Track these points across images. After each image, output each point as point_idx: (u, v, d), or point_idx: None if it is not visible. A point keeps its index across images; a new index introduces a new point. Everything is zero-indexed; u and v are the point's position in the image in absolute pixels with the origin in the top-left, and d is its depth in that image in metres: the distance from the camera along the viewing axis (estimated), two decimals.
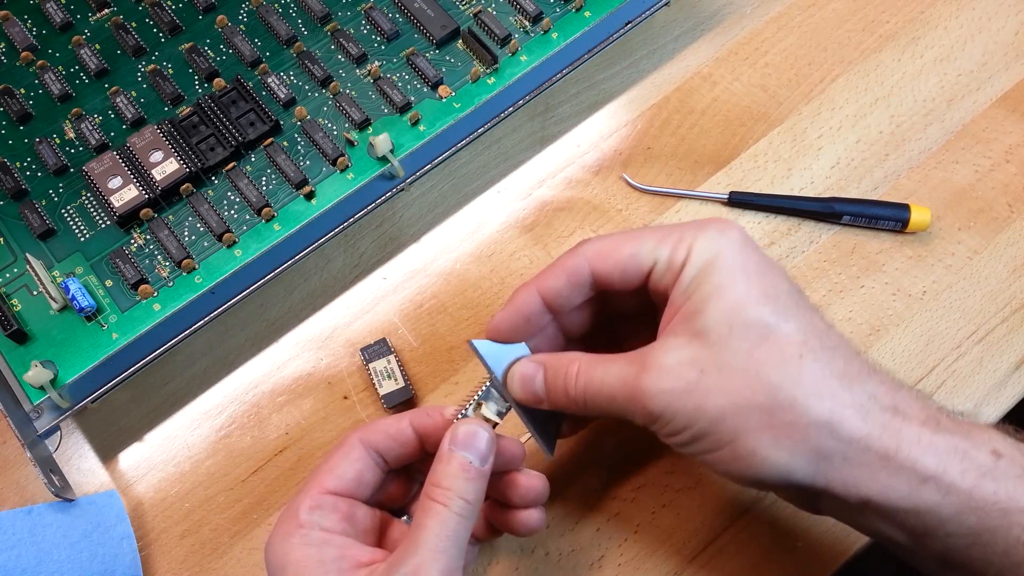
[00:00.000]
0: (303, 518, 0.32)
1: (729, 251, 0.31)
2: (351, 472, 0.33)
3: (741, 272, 0.30)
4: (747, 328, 0.30)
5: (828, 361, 0.30)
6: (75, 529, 0.38)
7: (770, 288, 0.30)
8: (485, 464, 0.32)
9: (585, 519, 0.39)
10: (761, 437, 0.29)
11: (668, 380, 0.30)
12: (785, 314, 0.30)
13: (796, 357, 0.29)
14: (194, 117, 0.42)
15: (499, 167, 0.46)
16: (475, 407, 0.34)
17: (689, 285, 0.31)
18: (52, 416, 0.38)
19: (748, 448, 0.29)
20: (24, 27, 0.44)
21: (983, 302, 0.43)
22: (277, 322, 0.43)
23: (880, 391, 0.30)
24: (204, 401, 0.42)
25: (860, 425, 0.29)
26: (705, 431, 0.30)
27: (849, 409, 0.29)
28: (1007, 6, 0.50)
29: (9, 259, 0.40)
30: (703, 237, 0.31)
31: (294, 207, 0.41)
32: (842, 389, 0.29)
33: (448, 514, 0.31)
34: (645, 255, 0.32)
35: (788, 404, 0.29)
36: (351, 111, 0.42)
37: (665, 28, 0.50)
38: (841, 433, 0.29)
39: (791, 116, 0.47)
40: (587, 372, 0.32)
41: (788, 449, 0.29)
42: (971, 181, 0.46)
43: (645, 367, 0.30)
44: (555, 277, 0.33)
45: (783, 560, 0.39)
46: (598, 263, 0.33)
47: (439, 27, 0.44)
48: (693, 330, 0.30)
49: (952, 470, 0.29)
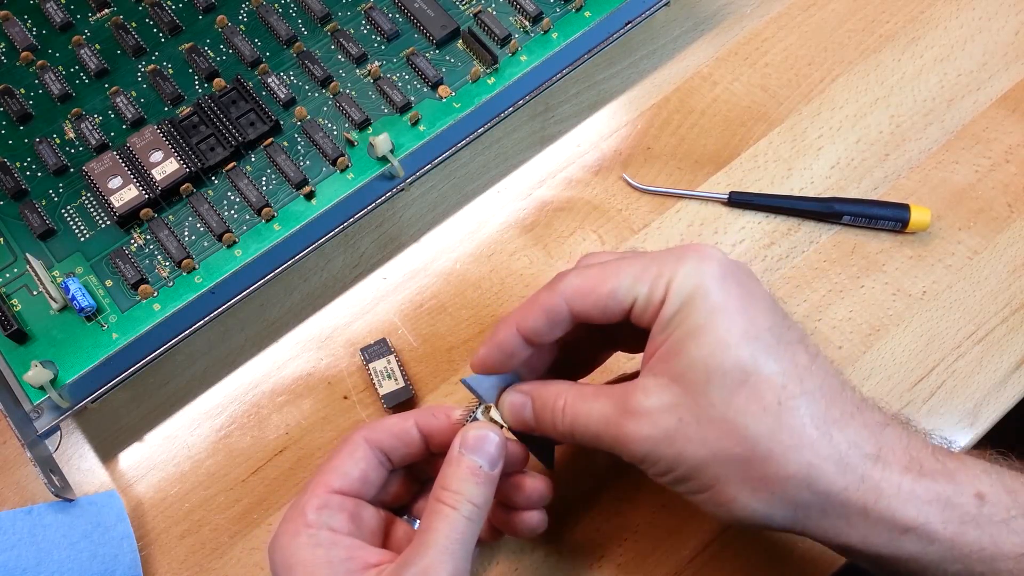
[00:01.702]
0: (311, 517, 0.32)
1: (708, 285, 0.30)
2: (356, 471, 0.33)
3: (720, 310, 0.30)
4: (725, 375, 0.29)
5: (808, 407, 0.29)
6: (75, 529, 0.38)
7: (750, 326, 0.30)
8: (495, 468, 0.32)
9: (585, 519, 0.39)
10: (739, 487, 0.29)
11: (648, 427, 0.30)
12: (766, 354, 0.29)
13: (775, 405, 0.29)
14: (194, 117, 0.42)
15: (499, 167, 0.46)
16: (484, 410, 0.34)
17: (669, 324, 0.30)
18: (52, 416, 0.38)
19: (728, 496, 0.29)
20: (24, 27, 0.44)
21: (983, 302, 0.43)
22: (277, 322, 0.43)
23: (863, 436, 0.30)
24: (204, 401, 0.42)
25: (838, 479, 0.29)
26: (686, 476, 0.30)
27: (827, 462, 0.29)
28: (1007, 6, 0.50)
29: (9, 259, 0.40)
30: (682, 271, 0.30)
31: (294, 207, 0.41)
32: (821, 439, 0.29)
33: (457, 517, 0.31)
34: (624, 293, 0.31)
35: (765, 456, 0.29)
36: (351, 111, 0.42)
37: (665, 28, 0.50)
38: (818, 487, 0.29)
39: (791, 116, 0.47)
40: (573, 408, 0.32)
41: (766, 500, 0.29)
42: (971, 181, 0.46)
43: (627, 411, 0.30)
44: (534, 317, 0.33)
45: (783, 560, 0.39)
46: (576, 302, 0.32)
47: (439, 27, 0.44)
48: (672, 372, 0.30)
49: (934, 520, 0.29)
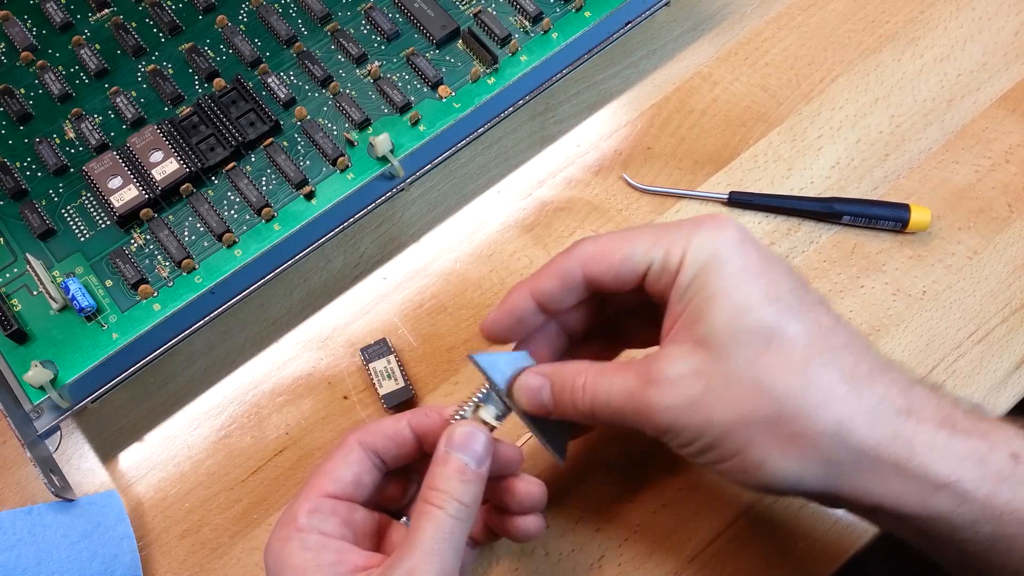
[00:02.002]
0: (302, 522, 0.32)
1: (727, 251, 0.30)
2: (349, 475, 0.33)
3: (741, 273, 0.30)
4: (750, 335, 0.29)
5: (835, 364, 0.29)
6: (75, 529, 0.38)
7: (771, 288, 0.30)
8: (482, 466, 0.32)
9: (585, 519, 0.39)
10: (770, 448, 0.29)
11: (672, 395, 0.29)
12: (789, 315, 0.29)
13: (802, 363, 0.29)
14: (194, 117, 0.42)
15: (499, 167, 0.46)
16: (474, 409, 0.34)
17: (687, 290, 0.30)
18: (52, 416, 0.38)
19: (757, 460, 0.29)
20: (24, 27, 0.44)
21: (983, 302, 0.43)
22: (277, 322, 0.43)
23: (892, 392, 0.29)
24: (204, 401, 0.42)
25: (870, 433, 0.28)
26: (713, 443, 0.29)
27: (859, 416, 0.28)
28: (1007, 6, 0.50)
29: (9, 259, 0.40)
30: (698, 237, 0.30)
31: (294, 207, 0.41)
32: (851, 394, 0.29)
33: (443, 516, 0.30)
34: (639, 258, 0.31)
35: (795, 415, 0.28)
36: (351, 111, 0.42)
37: (665, 28, 0.50)
38: (850, 442, 0.28)
39: (791, 116, 0.47)
40: (593, 385, 0.31)
41: (797, 460, 0.29)
42: (971, 181, 0.46)
43: (650, 381, 0.30)
44: (547, 280, 0.33)
45: (783, 560, 0.39)
46: (591, 266, 0.32)
47: (439, 27, 0.44)
48: (695, 338, 0.29)
49: (967, 477, 0.28)
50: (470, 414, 0.33)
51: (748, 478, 0.30)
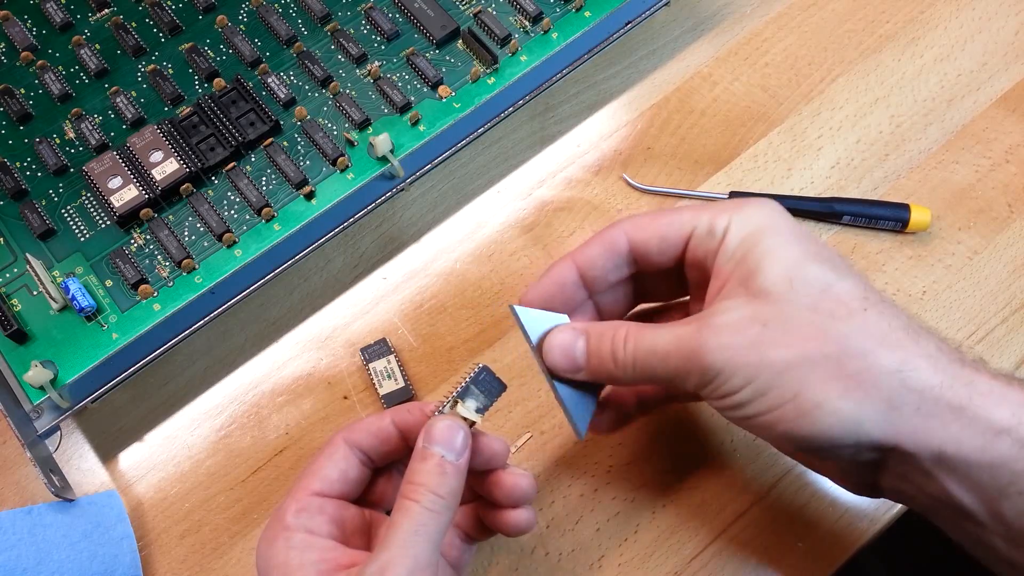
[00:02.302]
0: (289, 521, 0.32)
1: (775, 219, 0.31)
2: (335, 472, 0.33)
3: (791, 236, 0.31)
4: (808, 282, 0.29)
5: (892, 315, 0.30)
6: (75, 529, 0.38)
7: (821, 251, 0.31)
8: (460, 459, 0.31)
9: (585, 519, 0.39)
10: (829, 388, 0.28)
11: (729, 335, 0.29)
12: (841, 272, 0.30)
13: (860, 310, 0.29)
14: (194, 117, 0.42)
15: (499, 167, 0.46)
16: (452, 404, 0.33)
17: (737, 250, 0.31)
18: (52, 416, 0.38)
19: (815, 401, 0.28)
20: (24, 27, 0.44)
21: (983, 302, 0.43)
22: (277, 322, 0.43)
23: (945, 347, 0.30)
24: (204, 401, 0.42)
25: (932, 375, 0.29)
26: (767, 386, 0.29)
27: (920, 359, 0.29)
28: (1007, 6, 0.50)
29: (9, 259, 0.40)
30: (746, 208, 0.31)
31: (294, 207, 0.41)
32: (910, 340, 0.29)
33: (418, 509, 0.30)
34: (685, 222, 0.32)
35: (858, 353, 0.28)
36: (351, 111, 0.42)
37: (665, 28, 0.50)
38: (912, 383, 0.28)
39: (791, 116, 0.47)
40: (637, 335, 0.31)
41: (858, 400, 0.28)
42: (971, 181, 0.46)
43: (704, 325, 0.30)
44: (592, 248, 0.33)
45: (783, 560, 0.39)
46: (635, 232, 0.33)
47: (439, 27, 0.44)
48: (751, 290, 0.30)
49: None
50: (448, 408, 0.33)
51: (800, 425, 0.29)
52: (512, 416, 0.41)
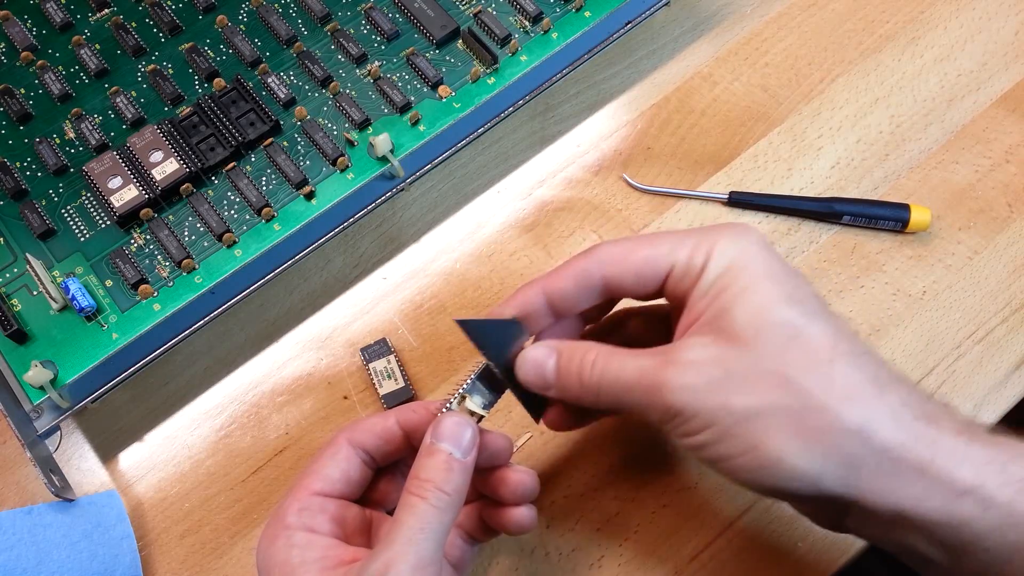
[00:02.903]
0: (289, 520, 0.32)
1: (751, 254, 0.30)
2: (337, 472, 0.33)
3: (765, 275, 0.30)
4: (776, 329, 0.29)
5: (860, 365, 0.29)
6: (75, 529, 0.38)
7: (796, 291, 0.30)
8: (467, 456, 0.31)
9: (585, 519, 0.39)
10: (789, 442, 0.28)
11: (692, 375, 0.29)
12: (814, 316, 0.29)
13: (827, 361, 0.29)
14: (194, 117, 0.42)
15: (499, 167, 0.46)
16: (459, 400, 0.33)
17: (711, 288, 0.30)
18: (52, 416, 0.38)
19: (774, 454, 0.28)
20: (24, 27, 0.44)
21: (983, 302, 0.43)
22: (277, 322, 0.43)
23: (912, 399, 0.29)
24: (204, 401, 0.42)
25: (895, 433, 0.28)
26: (727, 432, 0.28)
27: (883, 416, 0.28)
28: (1007, 6, 0.50)
29: (9, 259, 0.40)
30: (723, 241, 0.30)
31: (294, 207, 0.41)
32: (875, 395, 0.28)
33: (424, 506, 0.30)
34: (661, 259, 0.31)
35: (820, 409, 0.28)
36: (351, 111, 0.42)
37: (665, 28, 0.50)
38: (875, 441, 0.28)
39: (791, 116, 0.47)
40: (605, 360, 0.31)
41: (818, 455, 0.28)
42: (971, 181, 0.46)
43: (668, 360, 0.29)
44: (563, 279, 0.32)
45: (783, 560, 0.39)
46: (611, 268, 0.32)
47: (439, 27, 0.44)
48: (719, 330, 0.29)
49: (990, 483, 0.28)
50: (456, 405, 0.33)
51: (759, 476, 0.29)
52: (512, 416, 0.41)
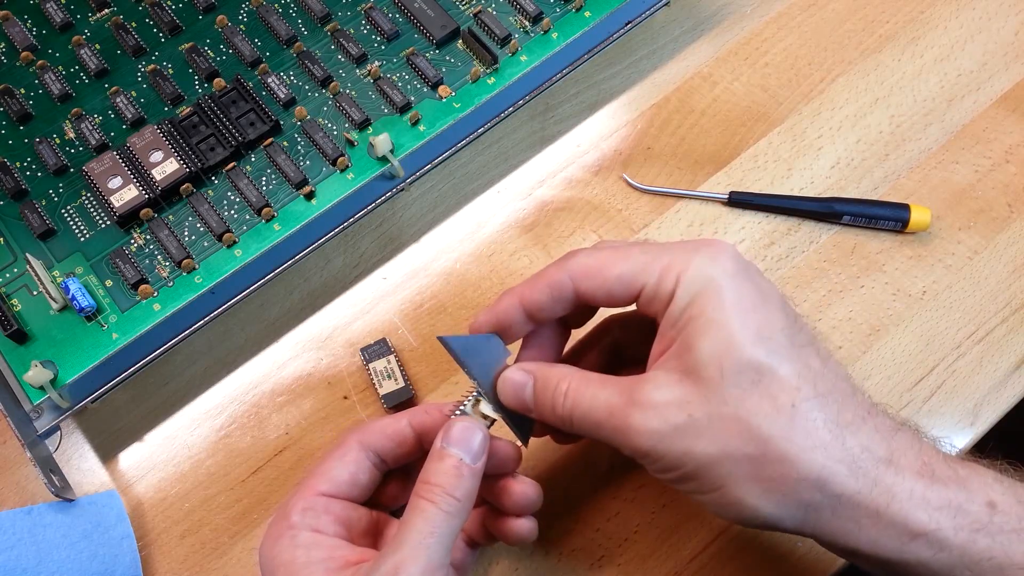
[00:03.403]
0: (294, 520, 0.32)
1: (721, 281, 0.30)
2: (345, 475, 0.33)
3: (734, 306, 0.29)
4: (739, 372, 0.29)
5: (821, 409, 0.29)
6: (75, 529, 0.38)
7: (764, 325, 0.29)
8: (477, 462, 0.31)
9: (585, 519, 0.39)
10: (749, 487, 0.29)
11: (656, 420, 0.29)
12: (779, 355, 0.29)
13: (788, 407, 0.29)
14: (194, 117, 0.42)
15: (499, 167, 0.46)
16: (473, 404, 0.34)
17: (680, 318, 0.30)
18: (52, 416, 0.38)
19: (736, 496, 0.29)
20: (24, 27, 0.44)
21: (983, 302, 0.43)
22: (277, 322, 0.43)
23: (875, 440, 0.29)
24: (204, 401, 0.42)
25: (851, 482, 0.29)
26: (692, 474, 0.29)
27: (840, 464, 0.29)
28: (1007, 6, 0.50)
29: (9, 259, 0.40)
30: (694, 263, 0.30)
31: (294, 207, 0.41)
32: (834, 442, 0.29)
33: (434, 511, 0.30)
34: (632, 279, 0.31)
35: (778, 457, 0.28)
36: (351, 111, 0.42)
37: (665, 28, 0.50)
38: (831, 489, 0.29)
39: (791, 116, 0.47)
40: (576, 393, 0.31)
41: (777, 501, 0.29)
42: (971, 181, 0.46)
43: (634, 401, 0.30)
44: (538, 290, 0.32)
45: (783, 560, 0.39)
46: (583, 282, 0.32)
47: (439, 27, 0.44)
48: (684, 367, 0.29)
49: (945, 526, 0.29)
50: (470, 408, 0.33)
51: (725, 512, 0.30)
52: None
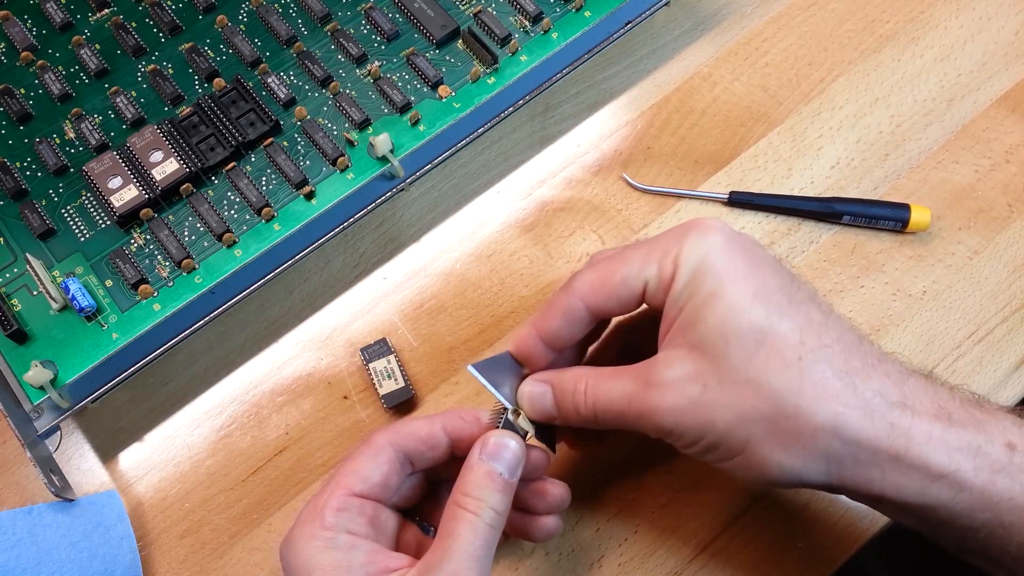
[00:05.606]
0: (329, 520, 0.32)
1: (713, 255, 0.31)
2: (378, 475, 0.33)
3: (729, 276, 0.30)
4: (742, 336, 0.29)
5: (828, 360, 0.30)
6: (75, 529, 0.38)
7: (760, 287, 0.30)
8: (513, 476, 0.32)
9: (585, 519, 0.39)
10: (771, 446, 0.29)
11: (672, 397, 0.30)
12: (778, 313, 0.30)
13: (795, 360, 0.29)
14: (194, 117, 0.42)
15: (499, 167, 0.46)
16: (513, 414, 0.34)
17: (680, 296, 0.31)
18: (52, 416, 0.38)
19: (760, 456, 0.30)
20: (24, 27, 0.44)
21: (983, 302, 0.43)
22: (277, 322, 0.43)
23: (887, 385, 0.30)
24: (204, 401, 0.42)
25: (867, 426, 0.29)
26: (716, 442, 0.30)
27: (855, 410, 0.29)
28: (1007, 6, 0.50)
29: (9, 259, 0.40)
30: (687, 245, 0.31)
31: (294, 207, 0.41)
32: (845, 389, 0.29)
33: (480, 523, 0.31)
34: (635, 278, 0.32)
35: (792, 412, 0.29)
36: (351, 111, 0.42)
37: (665, 28, 0.49)
38: (848, 435, 0.29)
39: (791, 116, 0.47)
40: (594, 390, 0.32)
41: (798, 455, 0.29)
42: (971, 181, 0.46)
43: (649, 384, 0.31)
44: (552, 320, 0.33)
45: (783, 560, 0.39)
46: (591, 298, 0.33)
47: (439, 27, 0.44)
48: (690, 342, 0.30)
49: (964, 467, 0.29)
50: (511, 416, 0.34)
51: (752, 475, 0.30)
52: None
